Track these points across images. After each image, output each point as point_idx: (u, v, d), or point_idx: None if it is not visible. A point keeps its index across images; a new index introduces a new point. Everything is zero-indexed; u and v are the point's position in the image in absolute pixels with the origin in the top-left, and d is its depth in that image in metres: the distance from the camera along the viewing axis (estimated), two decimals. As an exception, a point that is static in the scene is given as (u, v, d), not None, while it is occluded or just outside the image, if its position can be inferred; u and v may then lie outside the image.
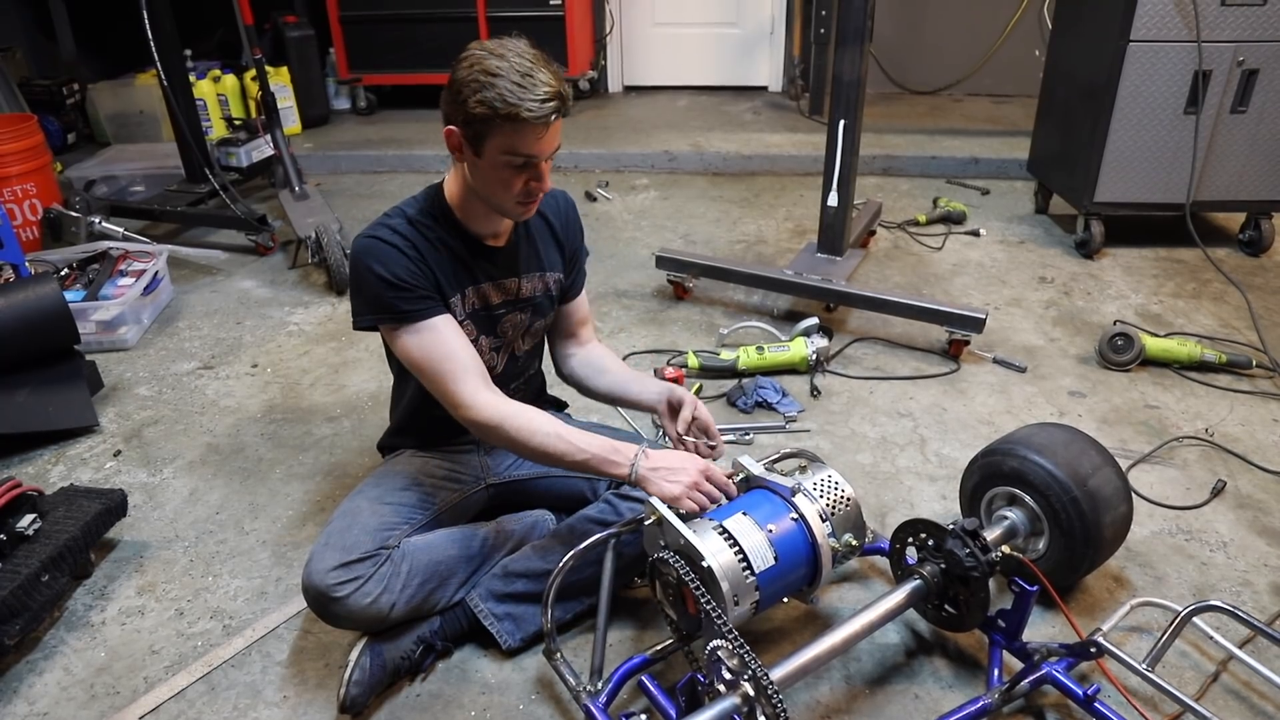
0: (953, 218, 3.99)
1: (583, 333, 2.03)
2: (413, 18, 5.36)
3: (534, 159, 1.57)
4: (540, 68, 1.52)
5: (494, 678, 1.75)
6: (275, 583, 2.01)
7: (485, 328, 1.82)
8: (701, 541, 1.51)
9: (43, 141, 3.90)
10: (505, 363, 1.90)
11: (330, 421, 2.62)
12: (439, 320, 1.68)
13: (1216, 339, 2.94)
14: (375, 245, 1.65)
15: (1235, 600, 1.89)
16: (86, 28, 5.36)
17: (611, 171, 4.89)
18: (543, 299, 1.89)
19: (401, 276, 1.64)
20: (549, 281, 1.89)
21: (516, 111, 1.49)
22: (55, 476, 2.40)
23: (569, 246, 1.94)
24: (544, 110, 1.50)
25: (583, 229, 2.00)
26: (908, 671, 1.75)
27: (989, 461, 1.88)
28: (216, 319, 3.30)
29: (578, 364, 2.01)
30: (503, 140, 1.54)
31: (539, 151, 1.57)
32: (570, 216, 1.94)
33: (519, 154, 1.56)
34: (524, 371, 1.98)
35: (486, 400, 1.68)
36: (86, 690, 1.75)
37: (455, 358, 1.67)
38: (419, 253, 1.67)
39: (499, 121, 1.51)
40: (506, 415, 1.67)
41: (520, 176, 1.60)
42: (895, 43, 5.68)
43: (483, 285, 1.78)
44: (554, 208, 1.91)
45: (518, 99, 1.48)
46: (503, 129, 1.52)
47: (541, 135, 1.54)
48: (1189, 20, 3.16)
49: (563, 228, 1.91)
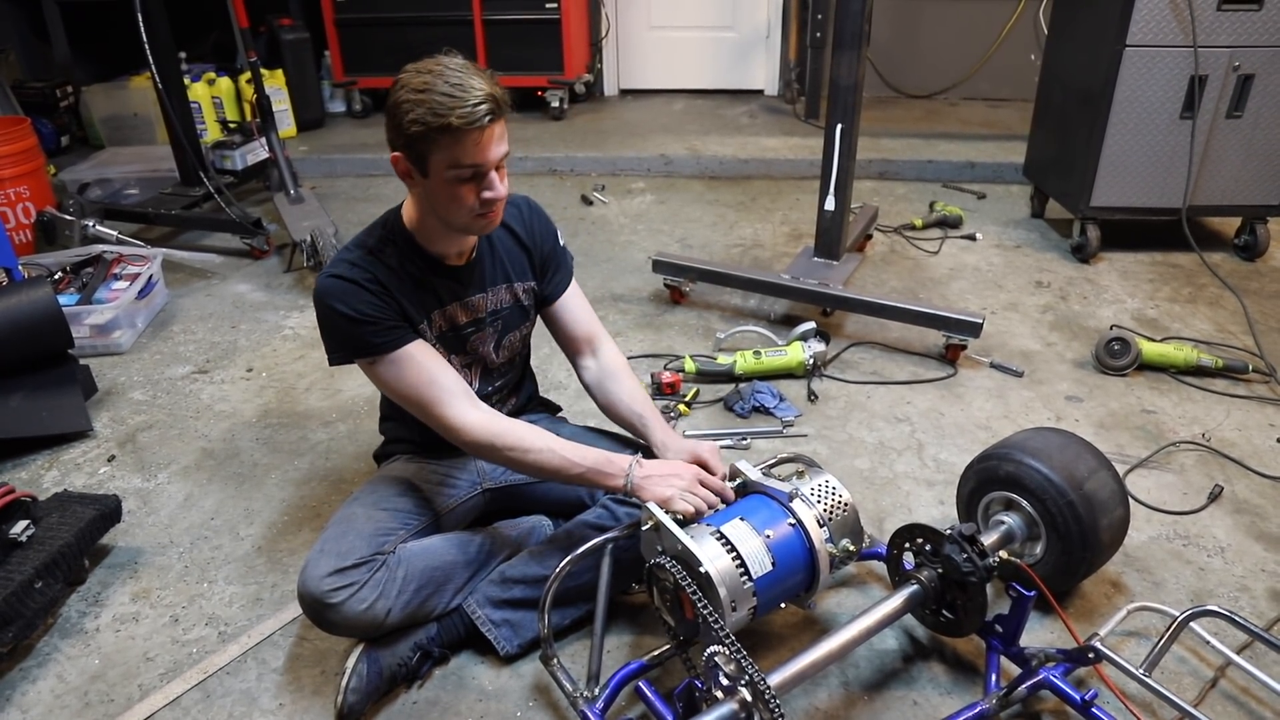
0: (949, 222, 4.00)
1: (588, 348, 1.97)
2: (408, 21, 5.35)
3: (479, 168, 1.55)
4: (471, 75, 1.50)
5: (491, 684, 1.74)
6: (271, 589, 2.00)
7: (454, 347, 1.82)
8: (699, 547, 1.51)
9: (36, 144, 3.89)
10: (479, 377, 1.90)
11: (326, 426, 2.61)
12: (412, 348, 1.68)
13: (1213, 344, 2.95)
14: (335, 285, 1.64)
15: (1233, 605, 1.89)
16: (80, 30, 5.34)
17: (607, 175, 4.88)
18: (511, 310, 1.87)
19: (366, 312, 1.64)
20: (517, 292, 1.87)
21: (447, 121, 1.47)
22: (49, 482, 2.39)
23: (537, 251, 1.89)
24: (475, 114, 1.48)
25: (554, 230, 1.94)
26: (905, 677, 1.74)
27: (985, 466, 1.88)
28: (211, 323, 3.28)
29: (591, 380, 1.97)
30: (444, 155, 1.52)
31: (482, 160, 1.54)
32: (534, 220, 1.90)
33: (463, 165, 1.53)
34: (504, 382, 1.97)
35: (477, 420, 1.68)
36: (80, 698, 1.74)
37: (437, 383, 1.68)
38: (381, 285, 1.67)
39: (435, 136, 1.49)
40: (498, 433, 1.67)
41: (470, 189, 1.57)
42: (892, 47, 5.69)
43: (449, 307, 1.78)
44: (514, 214, 1.87)
45: (448, 109, 1.47)
46: (440, 143, 1.51)
47: (479, 141, 1.51)
48: (1185, 25, 3.16)
49: (527, 233, 1.88)
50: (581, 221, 4.20)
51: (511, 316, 1.88)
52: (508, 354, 1.93)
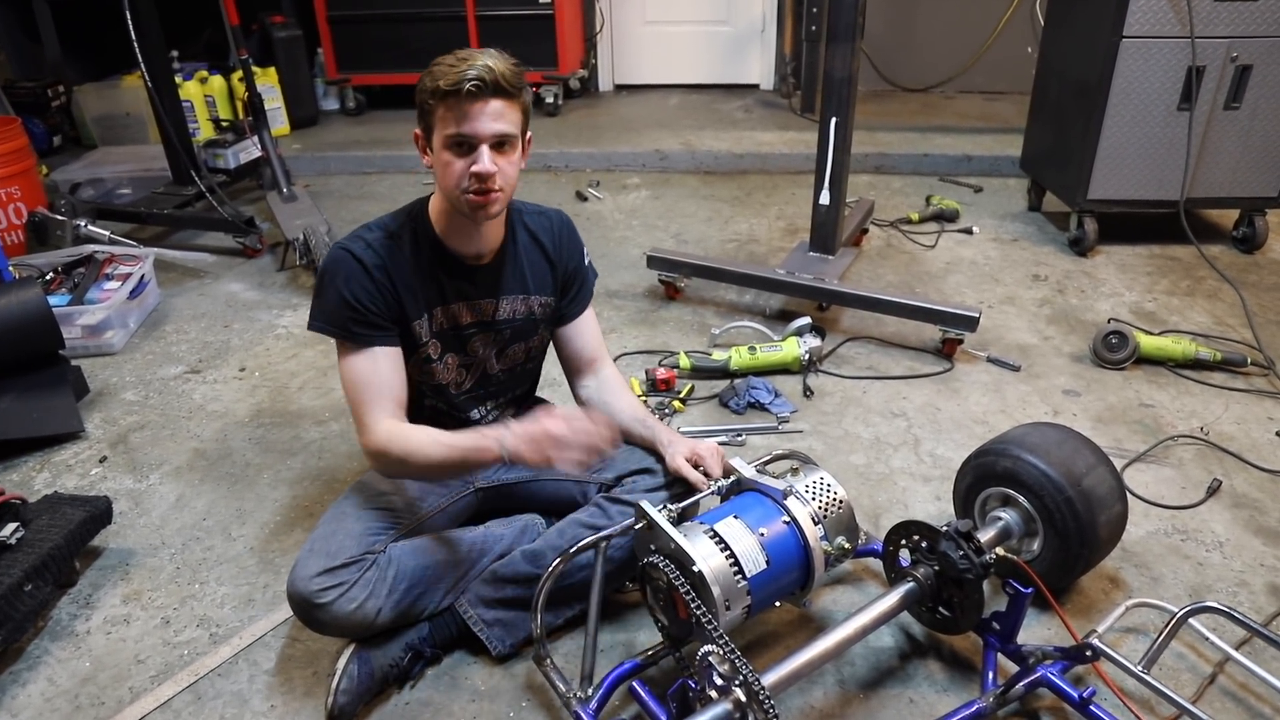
0: (945, 216, 3.98)
1: (590, 369, 1.97)
2: (401, 17, 5.33)
3: (467, 138, 1.56)
4: (482, 54, 1.55)
5: (484, 685, 1.72)
6: (263, 590, 1.98)
7: (453, 346, 1.81)
8: (692, 545, 1.50)
9: (27, 144, 3.88)
10: (476, 380, 1.88)
11: (319, 425, 2.59)
12: (381, 350, 1.69)
13: (1211, 337, 2.93)
14: (345, 262, 1.67)
15: (1232, 601, 1.88)
16: (71, 29, 5.33)
17: (602, 171, 4.87)
18: (523, 322, 1.86)
19: (361, 300, 1.66)
20: (533, 305, 1.85)
21: (438, 84, 1.52)
22: (40, 484, 2.37)
23: (561, 267, 1.88)
24: (464, 79, 1.50)
25: (582, 248, 1.94)
26: (902, 675, 1.73)
27: (982, 462, 1.87)
28: (204, 322, 3.27)
29: (589, 397, 1.96)
30: (441, 125, 1.57)
31: (470, 130, 1.55)
32: (563, 235, 1.89)
33: (454, 133, 1.56)
34: (504, 397, 1.95)
35: (380, 429, 1.67)
36: (71, 701, 1.72)
37: (374, 387, 1.68)
38: (386, 275, 1.68)
39: (434, 104, 1.56)
40: (390, 440, 1.66)
41: (460, 160, 1.58)
42: (887, 40, 5.68)
43: (453, 305, 1.77)
44: (545, 225, 1.87)
45: (443, 75, 1.52)
46: (437, 112, 1.56)
47: (468, 111, 1.53)
48: (1182, 16, 3.15)
49: (554, 248, 1.87)
50: (576, 218, 4.11)
51: (522, 328, 1.86)
52: (508, 364, 1.90)
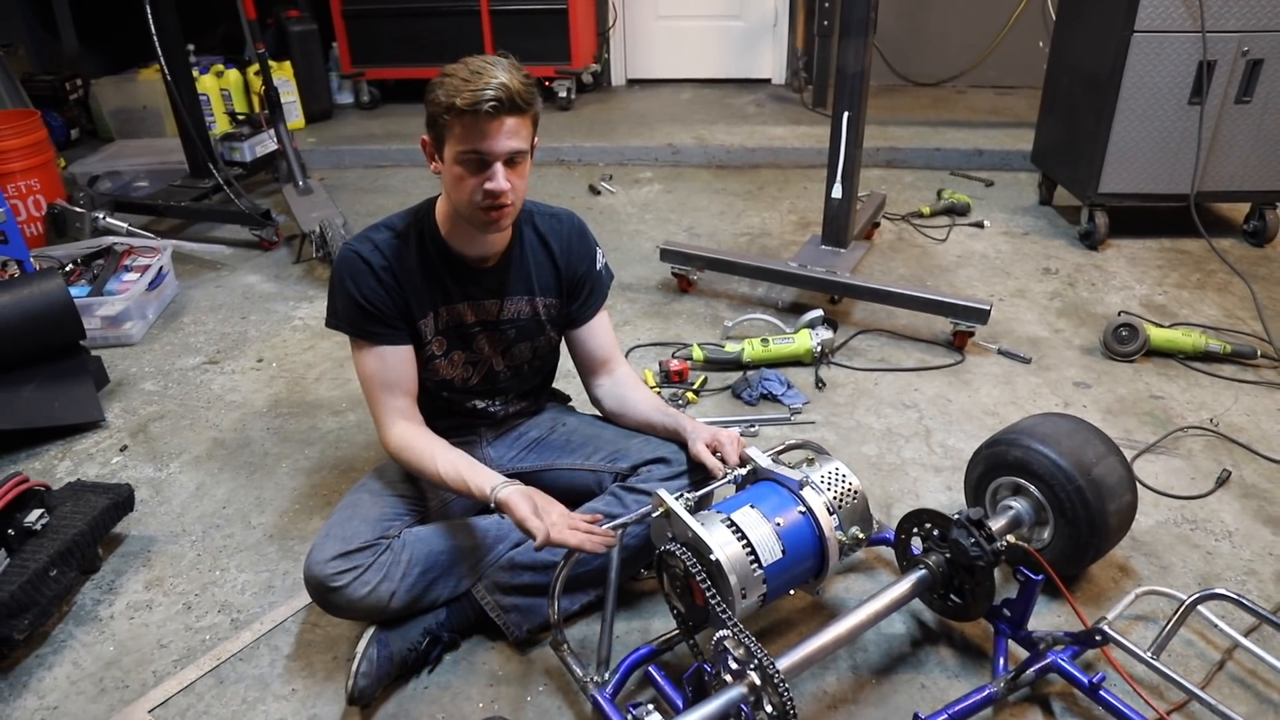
0: (957, 209, 3.99)
1: (604, 369, 1.98)
2: (416, 11, 5.36)
3: (481, 155, 1.56)
4: (497, 68, 1.53)
5: (501, 669, 1.75)
6: (282, 576, 2.01)
7: (459, 343, 1.83)
8: (709, 534, 1.52)
9: (46, 137, 3.91)
10: (481, 378, 1.90)
11: (335, 415, 2.62)
12: (391, 349, 1.75)
13: (1221, 329, 2.94)
14: (353, 262, 1.71)
15: (1240, 589, 1.89)
16: (89, 23, 5.36)
17: (615, 165, 4.88)
18: (529, 322, 1.87)
19: (370, 300, 1.71)
20: (538, 306, 1.86)
21: (454, 101, 1.51)
22: (62, 472, 2.41)
23: (568, 271, 1.88)
24: (481, 98, 1.50)
25: (593, 253, 1.92)
26: (914, 661, 1.75)
27: (993, 452, 1.88)
28: (221, 314, 3.30)
29: (604, 394, 1.98)
30: (454, 138, 1.56)
31: (485, 148, 1.55)
32: (573, 238, 1.88)
33: (468, 150, 1.55)
34: (512, 392, 1.97)
35: (395, 433, 1.75)
36: (96, 684, 1.76)
37: (389, 388, 1.76)
38: (393, 275, 1.72)
39: (447, 117, 1.54)
40: (404, 447, 1.74)
41: (474, 177, 1.58)
42: (899, 34, 5.67)
43: (458, 305, 1.79)
44: (555, 229, 1.87)
45: (458, 90, 1.51)
46: (450, 125, 1.55)
47: (484, 129, 1.53)
48: (1193, 10, 3.15)
49: (562, 251, 1.86)
50: (589, 211, 4.19)
51: (527, 328, 1.88)
52: (513, 363, 1.92)
